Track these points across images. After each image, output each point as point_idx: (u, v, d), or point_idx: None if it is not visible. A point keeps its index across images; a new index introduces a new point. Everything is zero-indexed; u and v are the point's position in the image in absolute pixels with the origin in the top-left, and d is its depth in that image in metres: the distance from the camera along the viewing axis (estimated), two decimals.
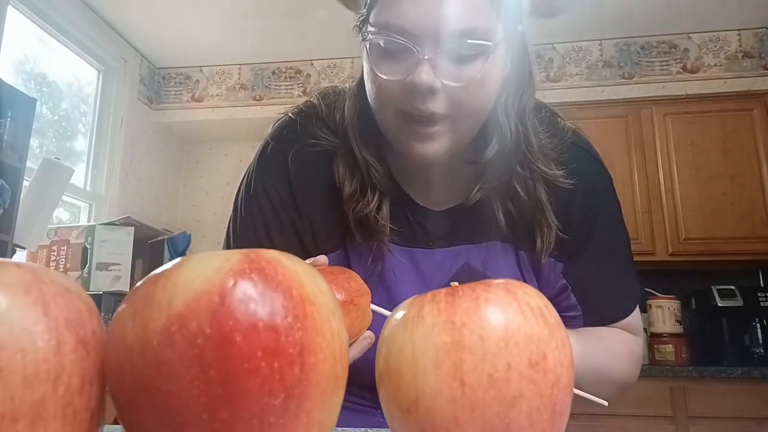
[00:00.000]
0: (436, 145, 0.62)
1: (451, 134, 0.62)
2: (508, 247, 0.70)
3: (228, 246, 0.73)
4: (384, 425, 0.50)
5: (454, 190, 0.71)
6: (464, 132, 0.63)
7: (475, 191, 0.67)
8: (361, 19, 0.63)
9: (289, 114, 0.74)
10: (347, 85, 0.75)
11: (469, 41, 0.57)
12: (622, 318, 0.73)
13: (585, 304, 0.71)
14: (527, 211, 0.67)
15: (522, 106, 0.66)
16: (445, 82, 0.58)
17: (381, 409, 0.70)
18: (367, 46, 0.60)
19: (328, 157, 0.70)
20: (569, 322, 0.71)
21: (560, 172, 0.67)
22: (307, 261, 0.57)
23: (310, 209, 0.71)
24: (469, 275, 0.70)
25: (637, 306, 0.75)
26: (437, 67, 0.57)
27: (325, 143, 0.71)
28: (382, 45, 0.59)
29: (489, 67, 0.59)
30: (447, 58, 0.58)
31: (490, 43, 0.58)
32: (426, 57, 0.57)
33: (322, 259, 0.58)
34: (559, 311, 0.73)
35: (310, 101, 0.74)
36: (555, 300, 0.71)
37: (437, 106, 0.59)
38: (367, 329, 0.53)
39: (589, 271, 0.70)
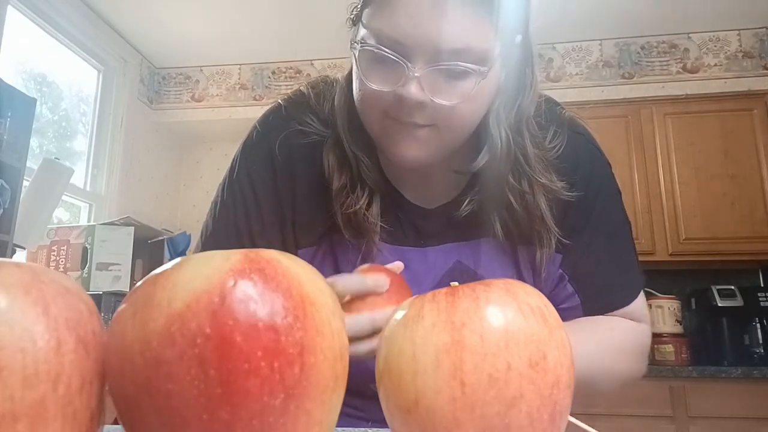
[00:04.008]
0: (418, 150, 0.60)
1: (436, 141, 0.60)
2: (504, 243, 0.68)
3: (206, 230, 0.72)
4: None
5: (446, 187, 0.70)
6: (449, 141, 0.61)
7: (465, 204, 0.65)
8: (354, 14, 0.61)
9: (278, 101, 0.73)
10: (339, 75, 0.73)
11: (462, 63, 0.55)
12: (624, 305, 0.70)
13: (583, 292, 0.69)
14: (524, 223, 0.66)
15: (519, 115, 0.64)
16: (434, 99, 0.56)
17: (371, 422, 0.69)
18: (356, 54, 0.59)
19: (316, 149, 0.69)
20: (567, 313, 0.70)
21: (562, 183, 0.66)
22: (389, 266, 0.57)
23: (293, 199, 0.69)
24: (461, 273, 0.69)
25: (641, 294, 0.73)
26: (427, 82, 0.55)
27: (313, 131, 0.69)
28: (373, 53, 0.57)
29: (482, 84, 0.57)
30: (438, 75, 0.56)
31: (485, 68, 0.56)
32: (416, 74, 0.55)
33: (399, 264, 0.57)
34: (556, 303, 0.72)
35: (300, 90, 0.73)
36: (552, 292, 0.70)
37: (423, 118, 0.58)
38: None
39: (586, 258, 0.69)
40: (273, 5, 2.80)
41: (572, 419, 0.33)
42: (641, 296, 0.73)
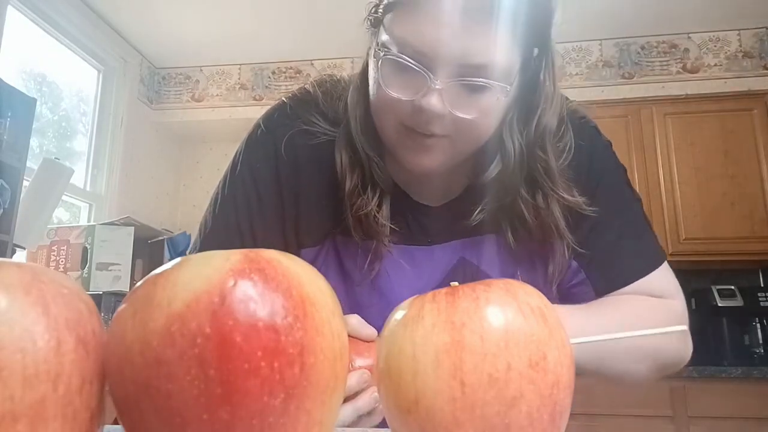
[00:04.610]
0: (432, 159, 0.61)
1: (449, 150, 0.61)
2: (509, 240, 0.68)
3: (205, 226, 0.71)
4: None
5: (449, 185, 0.70)
6: (463, 151, 0.62)
7: (477, 212, 0.65)
8: (374, 16, 0.61)
9: (283, 99, 0.73)
10: (345, 74, 0.73)
11: (486, 80, 0.55)
12: (635, 278, 0.67)
13: (587, 267, 0.68)
14: (537, 235, 0.65)
15: (541, 128, 0.63)
16: (454, 112, 0.57)
17: None
18: (378, 62, 0.58)
19: (322, 150, 0.69)
20: (577, 289, 0.69)
21: (583, 199, 0.65)
22: (363, 334, 0.56)
23: (297, 199, 0.69)
24: (464, 269, 0.69)
25: (663, 267, 0.69)
26: (448, 95, 0.56)
27: (319, 130, 0.69)
28: (395, 62, 0.57)
29: (500, 99, 0.58)
30: (460, 88, 0.56)
31: (508, 86, 0.57)
32: (438, 87, 0.55)
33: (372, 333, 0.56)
34: (564, 284, 0.70)
35: (305, 88, 0.73)
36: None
37: (440, 128, 0.58)
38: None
39: (592, 234, 0.68)
40: (273, 5, 2.80)
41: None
42: (662, 270, 0.69)
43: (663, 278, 0.69)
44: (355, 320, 0.56)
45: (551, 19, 0.61)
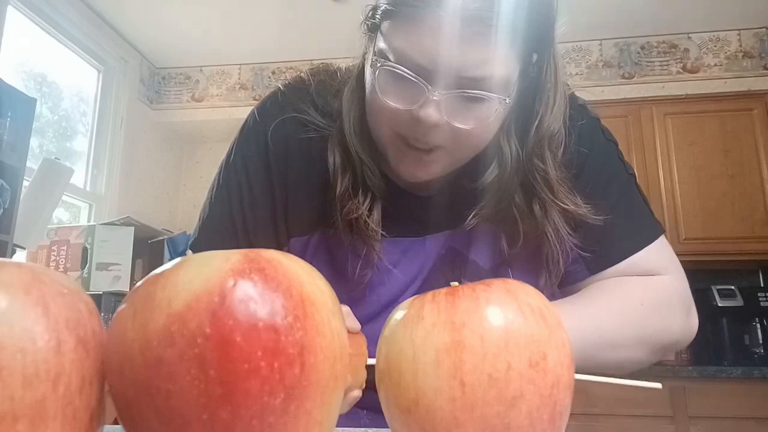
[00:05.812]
0: (427, 171, 0.61)
1: (446, 160, 0.61)
2: (495, 227, 0.67)
3: (203, 213, 0.72)
4: (368, 426, 0.50)
5: (446, 180, 0.70)
6: (459, 159, 0.62)
7: (471, 217, 0.65)
8: (371, 21, 0.60)
9: (279, 86, 0.73)
10: (343, 65, 0.73)
11: (484, 93, 0.55)
12: (626, 257, 0.66)
13: (581, 247, 0.66)
14: (532, 240, 0.65)
15: (540, 134, 0.62)
16: (451, 122, 0.56)
17: (366, 410, 0.69)
18: (376, 71, 0.58)
19: (312, 141, 0.69)
20: (573, 267, 0.68)
21: (587, 207, 0.64)
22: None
23: (286, 187, 0.69)
24: (453, 258, 0.69)
25: (657, 243, 0.68)
26: (446, 106, 0.56)
27: (309, 119, 0.69)
28: (393, 72, 0.56)
29: (498, 109, 0.57)
30: (457, 99, 0.56)
31: (507, 97, 0.56)
32: (436, 98, 0.55)
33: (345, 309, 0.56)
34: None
35: (300, 76, 0.73)
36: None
37: (437, 139, 0.58)
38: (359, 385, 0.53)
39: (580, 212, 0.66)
40: (273, 5, 2.80)
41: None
42: (657, 245, 0.68)
43: (658, 254, 0.68)
44: (344, 310, 0.56)
45: (552, 26, 0.60)
